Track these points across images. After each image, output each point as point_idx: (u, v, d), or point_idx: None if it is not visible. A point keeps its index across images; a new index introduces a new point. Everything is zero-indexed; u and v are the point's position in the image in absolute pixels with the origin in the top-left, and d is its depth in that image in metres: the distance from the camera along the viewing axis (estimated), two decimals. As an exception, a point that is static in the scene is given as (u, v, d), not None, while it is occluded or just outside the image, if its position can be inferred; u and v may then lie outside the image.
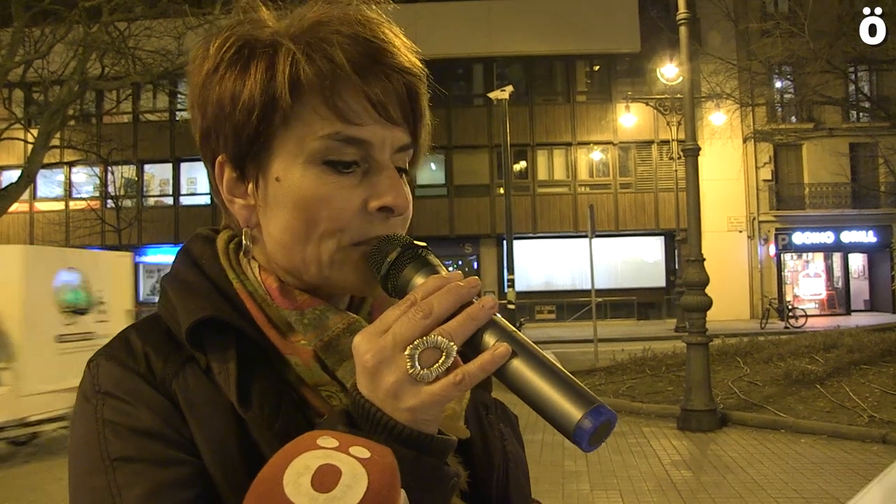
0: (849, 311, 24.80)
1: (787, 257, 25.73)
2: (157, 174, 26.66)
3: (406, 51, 0.71)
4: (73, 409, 0.69)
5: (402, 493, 0.55)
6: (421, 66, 0.72)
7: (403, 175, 0.73)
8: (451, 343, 0.56)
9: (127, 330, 0.73)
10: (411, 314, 0.57)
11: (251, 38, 0.69)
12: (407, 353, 0.56)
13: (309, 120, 0.67)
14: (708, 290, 8.44)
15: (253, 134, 0.68)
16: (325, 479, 0.51)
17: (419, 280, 0.62)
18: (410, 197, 0.74)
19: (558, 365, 0.57)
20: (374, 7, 0.72)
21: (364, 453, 0.54)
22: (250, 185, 0.72)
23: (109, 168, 22.21)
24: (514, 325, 0.59)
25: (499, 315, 0.59)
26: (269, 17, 0.72)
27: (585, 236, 14.41)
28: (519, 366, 0.56)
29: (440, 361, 0.56)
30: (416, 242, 0.66)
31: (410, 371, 0.56)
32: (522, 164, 25.82)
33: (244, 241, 0.75)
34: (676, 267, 24.15)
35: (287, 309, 0.71)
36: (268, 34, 0.69)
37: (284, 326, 0.71)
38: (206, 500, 0.63)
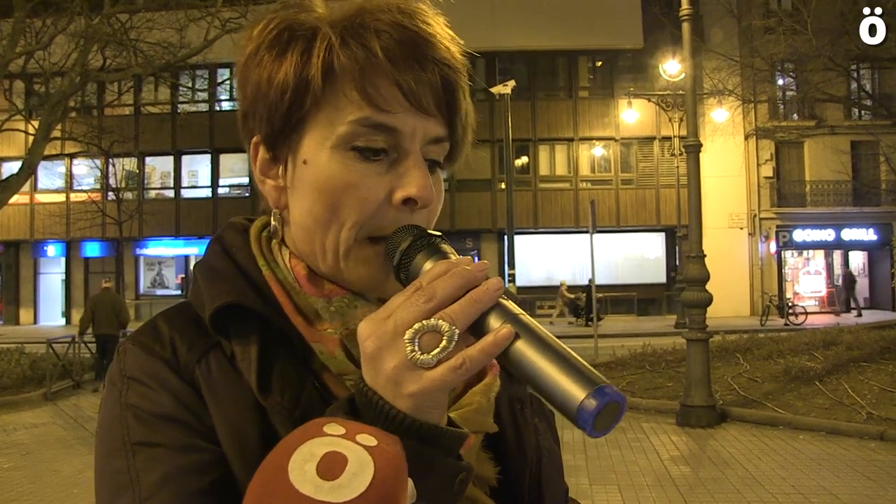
0: (849, 309, 24.79)
1: (788, 254, 25.71)
2: (159, 167, 26.56)
3: (446, 42, 0.70)
4: (103, 393, 0.70)
5: (410, 482, 0.54)
6: (461, 58, 0.72)
7: (437, 168, 0.72)
8: (453, 327, 0.54)
9: (157, 316, 0.73)
10: (414, 298, 0.56)
11: (293, 23, 0.69)
12: (407, 337, 0.54)
13: (340, 104, 0.67)
14: (708, 286, 8.44)
15: (285, 115, 0.68)
16: (331, 466, 0.51)
17: (428, 267, 0.61)
18: (442, 190, 0.73)
19: (564, 347, 0.54)
20: None
21: (371, 441, 0.53)
22: (281, 167, 0.72)
23: (110, 160, 22.15)
24: None
25: (506, 298, 0.57)
26: (319, 1, 0.72)
27: (586, 232, 14.39)
28: (522, 348, 0.54)
29: (441, 346, 0.54)
30: (429, 231, 0.65)
31: (410, 356, 0.54)
32: (524, 159, 25.79)
33: (272, 223, 0.74)
34: (677, 263, 24.08)
35: (315, 296, 0.70)
36: (310, 18, 0.69)
37: (312, 314, 0.70)
38: (223, 487, 0.62)
